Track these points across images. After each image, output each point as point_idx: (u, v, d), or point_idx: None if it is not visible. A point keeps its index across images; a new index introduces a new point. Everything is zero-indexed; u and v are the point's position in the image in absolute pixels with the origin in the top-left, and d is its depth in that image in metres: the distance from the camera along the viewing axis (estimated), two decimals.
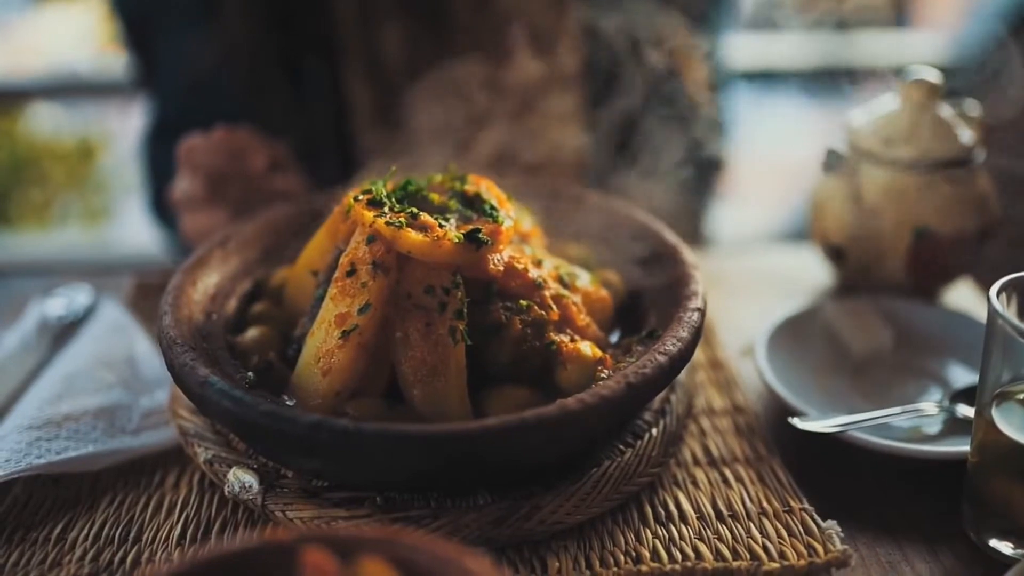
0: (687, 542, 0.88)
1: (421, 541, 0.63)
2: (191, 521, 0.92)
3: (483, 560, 0.61)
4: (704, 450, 1.02)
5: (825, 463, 1.02)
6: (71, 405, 1.03)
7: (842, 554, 0.84)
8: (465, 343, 0.88)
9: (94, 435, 1.00)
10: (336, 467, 0.85)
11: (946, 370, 1.16)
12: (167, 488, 0.97)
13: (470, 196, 0.99)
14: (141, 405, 1.07)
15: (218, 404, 0.82)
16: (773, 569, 0.84)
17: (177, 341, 0.90)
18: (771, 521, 0.91)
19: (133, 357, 1.16)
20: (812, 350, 1.17)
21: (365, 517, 0.85)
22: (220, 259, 1.08)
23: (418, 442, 0.77)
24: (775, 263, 1.52)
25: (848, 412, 1.02)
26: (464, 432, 0.78)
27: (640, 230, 1.13)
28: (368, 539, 0.63)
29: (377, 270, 0.89)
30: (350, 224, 0.95)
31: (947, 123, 1.25)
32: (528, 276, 0.94)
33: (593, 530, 0.89)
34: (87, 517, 0.93)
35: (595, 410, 0.81)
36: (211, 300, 1.03)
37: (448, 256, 0.89)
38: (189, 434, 0.97)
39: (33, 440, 0.97)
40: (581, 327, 0.97)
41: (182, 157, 1.31)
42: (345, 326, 0.88)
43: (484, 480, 0.88)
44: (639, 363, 0.86)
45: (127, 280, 1.42)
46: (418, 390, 0.88)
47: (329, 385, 0.88)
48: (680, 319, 0.94)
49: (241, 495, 0.89)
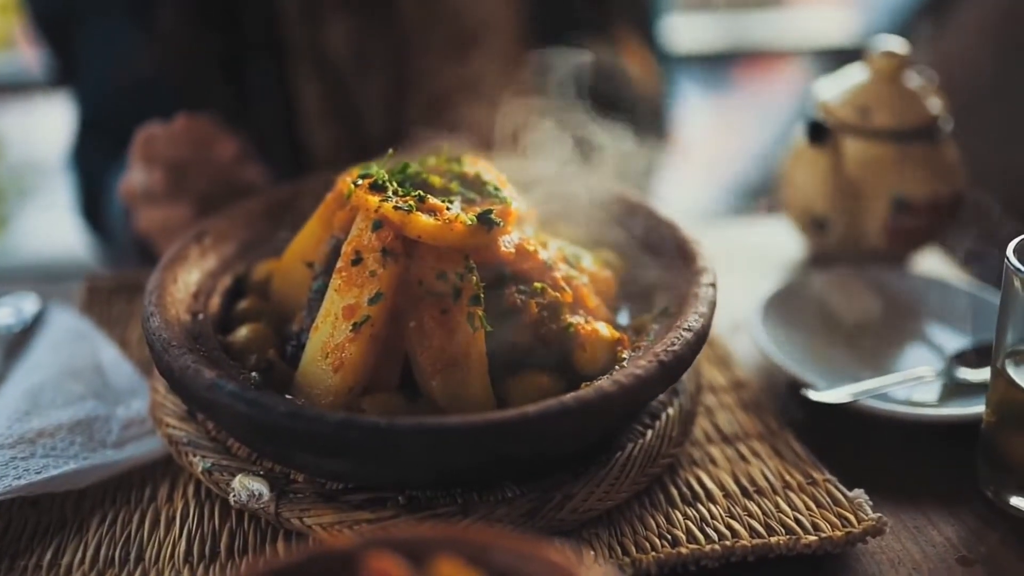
0: (719, 521, 0.86)
1: (493, 536, 0.59)
2: (195, 536, 0.85)
3: (565, 550, 0.58)
4: (715, 427, 1.00)
5: (832, 433, 1.01)
6: (42, 421, 0.95)
7: (877, 522, 0.84)
8: (485, 329, 0.84)
9: (73, 450, 0.92)
10: (363, 467, 0.80)
11: (932, 334, 1.18)
12: (160, 502, 0.90)
13: (470, 178, 0.95)
14: (119, 416, 0.99)
15: (230, 408, 0.76)
16: (811, 542, 0.83)
17: (173, 343, 0.83)
18: (797, 494, 0.90)
19: (100, 365, 1.08)
20: (803, 322, 1.17)
21: (391, 518, 0.80)
22: (198, 255, 1.02)
23: (458, 435, 0.73)
24: (742, 236, 1.53)
25: (851, 381, 1.02)
26: (504, 422, 0.74)
27: (630, 208, 1.11)
28: (437, 539, 0.59)
29: (387, 257, 0.84)
30: (349, 211, 0.90)
31: (916, 92, 1.26)
32: (539, 257, 0.91)
33: (622, 516, 0.87)
34: (78, 539, 0.85)
35: (631, 391, 0.78)
36: (194, 299, 0.97)
37: (460, 239, 0.85)
38: (181, 443, 0.90)
39: (7, 461, 0.89)
40: (592, 308, 0.94)
41: (138, 148, 1.22)
42: (355, 318, 0.83)
43: (511, 472, 0.84)
44: (666, 341, 0.84)
45: (76, 285, 1.32)
46: (437, 381, 0.83)
47: (342, 381, 0.83)
48: (696, 295, 0.92)
49: (250, 504, 0.83)
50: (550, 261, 0.92)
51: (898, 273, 1.26)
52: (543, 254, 0.92)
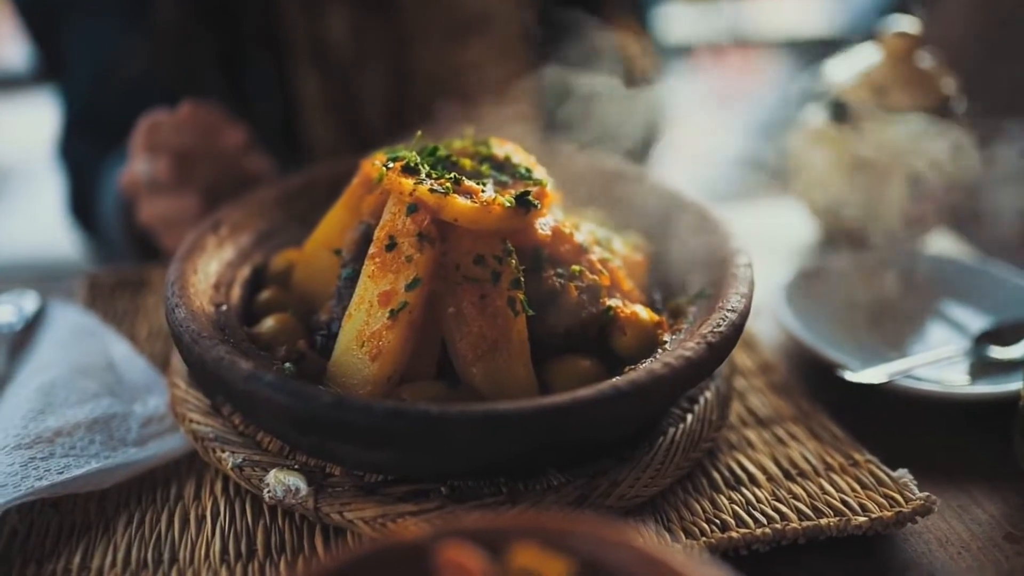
0: (766, 504, 0.84)
1: (572, 522, 0.57)
2: (228, 534, 0.82)
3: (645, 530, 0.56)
4: (748, 411, 0.99)
5: (864, 414, 1.00)
6: (58, 419, 0.91)
7: (926, 501, 0.83)
8: (526, 314, 0.82)
9: (93, 449, 0.89)
10: (409, 457, 0.77)
11: (951, 312, 1.17)
12: (187, 500, 0.87)
13: (500, 160, 0.93)
14: (137, 413, 0.95)
15: (270, 400, 0.73)
16: (862, 523, 0.81)
17: (203, 334, 0.80)
18: (840, 476, 0.88)
19: (111, 362, 1.04)
20: (825, 305, 1.16)
21: (436, 510, 0.78)
22: (215, 245, 0.98)
23: (511, 422, 0.70)
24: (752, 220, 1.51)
25: (877, 362, 1.01)
26: (558, 407, 0.72)
27: (655, 192, 1.09)
28: (511, 527, 0.57)
29: (423, 241, 0.81)
30: (379, 195, 0.87)
31: (930, 72, 1.26)
32: (575, 240, 0.89)
33: (666, 502, 0.85)
34: (106, 541, 0.82)
35: (683, 373, 0.77)
36: (215, 290, 0.93)
37: (498, 222, 0.82)
38: (208, 439, 0.87)
39: (27, 461, 0.85)
40: (627, 291, 0.92)
41: (141, 136, 1.18)
42: (392, 304, 0.80)
43: (556, 459, 0.82)
44: (712, 322, 0.82)
45: (75, 282, 1.28)
46: (478, 368, 0.81)
47: (380, 370, 0.80)
48: (734, 275, 0.90)
49: (287, 500, 0.80)
50: (585, 244, 0.90)
51: (915, 253, 1.25)
52: (578, 236, 0.90)
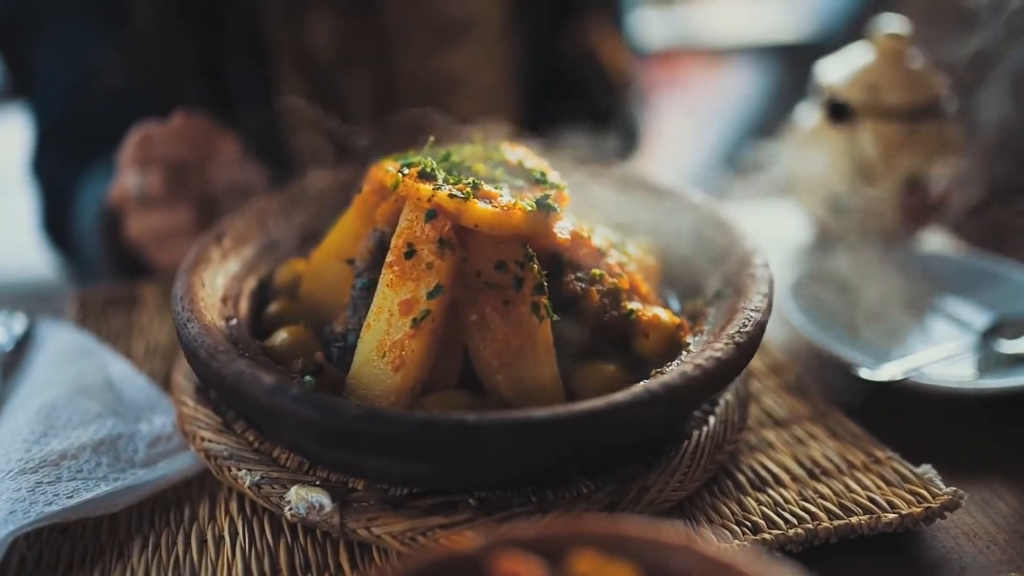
0: (794, 505, 0.84)
1: (632, 528, 0.55)
2: (249, 554, 0.80)
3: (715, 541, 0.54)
4: (764, 412, 0.99)
5: (879, 411, 1.00)
6: (61, 442, 0.88)
7: (953, 495, 0.83)
8: (551, 319, 0.81)
9: (101, 472, 0.86)
10: (440, 468, 0.75)
11: (951, 307, 1.18)
12: (203, 521, 0.84)
13: (513, 165, 0.92)
14: (142, 433, 0.92)
15: (296, 413, 0.71)
16: (892, 520, 0.81)
17: (220, 349, 0.77)
18: (864, 474, 0.88)
19: (111, 381, 1.01)
20: (828, 304, 1.16)
21: (467, 522, 0.76)
22: (219, 258, 0.96)
23: (547, 429, 0.69)
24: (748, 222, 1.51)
25: (885, 360, 1.01)
26: (593, 412, 0.70)
27: (662, 194, 1.09)
28: (568, 534, 0.55)
29: (444, 248, 0.79)
30: (394, 202, 0.86)
31: (921, 71, 1.27)
32: (593, 244, 0.88)
33: (694, 506, 0.84)
34: (121, 566, 0.79)
35: (714, 374, 0.76)
36: (223, 303, 0.91)
37: (519, 227, 0.81)
38: (222, 457, 0.84)
39: (33, 486, 0.82)
40: (645, 294, 0.91)
41: (132, 148, 1.14)
42: (414, 313, 0.79)
43: (586, 466, 0.80)
44: (737, 322, 0.82)
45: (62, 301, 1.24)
46: (503, 375, 0.79)
47: (403, 380, 0.78)
48: (753, 275, 0.90)
49: (310, 517, 0.78)
50: (603, 247, 0.89)
51: (913, 251, 1.26)
52: (596, 240, 0.89)
